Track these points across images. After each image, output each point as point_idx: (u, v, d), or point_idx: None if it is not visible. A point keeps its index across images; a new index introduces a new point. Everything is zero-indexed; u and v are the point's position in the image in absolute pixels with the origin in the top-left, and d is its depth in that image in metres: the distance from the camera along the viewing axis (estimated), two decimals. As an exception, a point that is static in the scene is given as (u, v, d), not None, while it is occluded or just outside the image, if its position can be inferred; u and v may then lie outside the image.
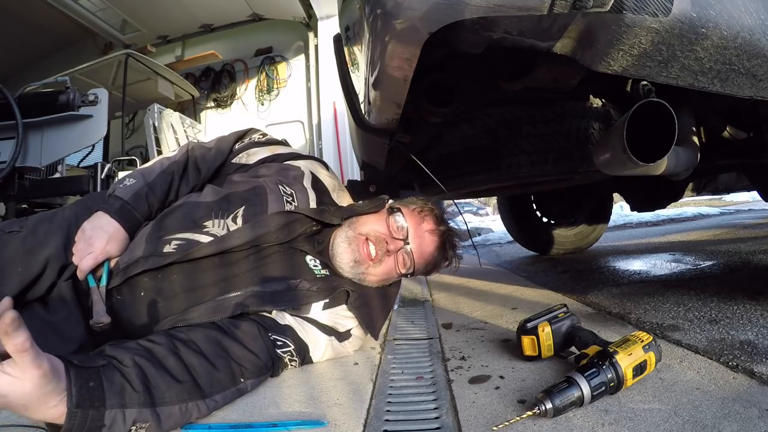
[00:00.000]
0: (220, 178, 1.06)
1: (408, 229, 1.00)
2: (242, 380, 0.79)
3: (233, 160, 1.07)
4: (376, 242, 0.98)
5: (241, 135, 1.11)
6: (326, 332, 0.97)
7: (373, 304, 1.01)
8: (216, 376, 0.75)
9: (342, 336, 1.00)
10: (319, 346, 0.96)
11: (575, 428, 0.63)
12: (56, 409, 0.58)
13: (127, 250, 0.89)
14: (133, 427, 0.63)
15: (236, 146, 1.09)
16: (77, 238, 0.87)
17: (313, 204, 1.01)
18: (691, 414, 0.64)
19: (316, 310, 0.97)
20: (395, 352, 1.08)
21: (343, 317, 1.00)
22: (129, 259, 0.88)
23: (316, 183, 1.05)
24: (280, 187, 0.97)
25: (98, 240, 0.86)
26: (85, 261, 0.85)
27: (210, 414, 0.73)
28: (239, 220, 0.92)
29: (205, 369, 0.74)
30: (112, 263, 0.88)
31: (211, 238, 0.90)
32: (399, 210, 1.02)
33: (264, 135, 1.13)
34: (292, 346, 0.91)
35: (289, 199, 0.97)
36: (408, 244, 1.00)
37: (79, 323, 0.85)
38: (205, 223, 0.91)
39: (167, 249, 0.88)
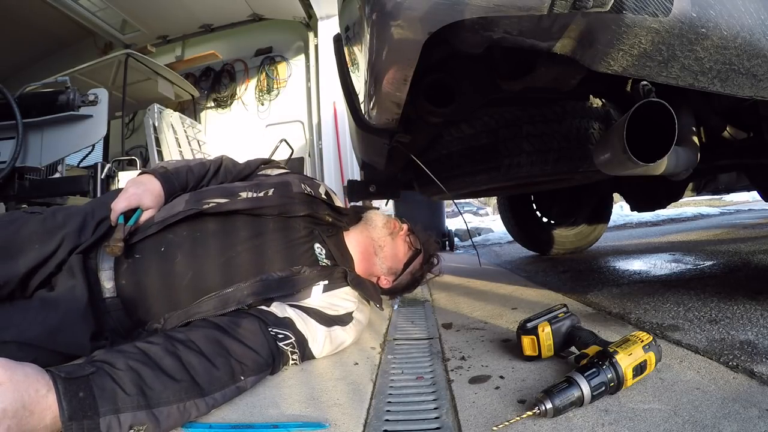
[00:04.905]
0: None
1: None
2: (242, 378, 0.79)
3: (259, 173, 1.23)
4: (395, 222, 1.25)
5: (268, 161, 1.29)
6: (325, 323, 0.98)
7: (367, 284, 1.13)
8: (215, 374, 0.75)
9: (343, 320, 1.02)
10: (318, 339, 0.97)
11: (575, 428, 0.63)
12: (50, 408, 0.59)
13: (167, 209, 0.99)
14: (131, 431, 0.63)
15: (263, 165, 1.26)
16: (120, 193, 0.97)
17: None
18: (691, 414, 0.64)
19: (317, 293, 1.00)
20: (395, 352, 1.08)
21: (342, 299, 1.03)
22: (167, 215, 0.97)
23: (328, 195, 1.20)
24: (303, 185, 1.12)
25: (134, 188, 0.97)
26: (119, 203, 0.94)
27: (209, 412, 0.73)
28: (269, 194, 1.06)
29: (204, 367, 0.74)
30: (145, 216, 0.97)
31: None
32: (405, 220, 1.32)
33: (284, 167, 1.30)
34: (293, 338, 0.92)
35: (308, 191, 1.12)
36: (413, 233, 1.27)
37: (84, 295, 0.86)
38: (240, 193, 1.03)
39: (205, 207, 0.99)
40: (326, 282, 1.01)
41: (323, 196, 1.16)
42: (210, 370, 0.75)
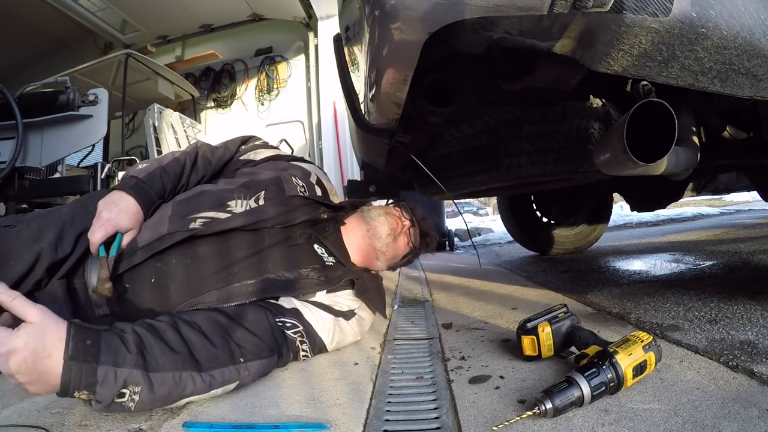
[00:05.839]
0: (228, 174, 1.11)
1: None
2: (242, 360, 0.80)
3: (241, 157, 1.13)
4: (398, 220, 1.19)
5: (246, 139, 1.20)
6: (332, 313, 1.00)
7: (372, 288, 1.12)
8: (213, 352, 0.77)
9: (347, 315, 1.03)
10: (327, 326, 0.98)
11: (575, 428, 0.63)
12: (56, 366, 0.62)
13: (151, 228, 0.91)
14: (126, 390, 0.66)
15: (242, 147, 1.16)
16: (94, 219, 0.88)
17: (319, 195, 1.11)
18: (691, 414, 0.64)
19: (321, 294, 1.01)
20: (395, 352, 1.08)
21: (346, 299, 1.04)
22: (151, 237, 0.89)
23: (320, 183, 1.14)
24: (294, 179, 1.06)
25: (107, 212, 0.87)
26: (95, 234, 0.85)
27: (209, 392, 0.75)
28: (261, 201, 0.98)
29: (202, 344, 0.77)
30: (127, 239, 0.89)
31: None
32: (404, 201, 1.28)
33: (266, 143, 1.21)
34: (301, 327, 0.93)
35: (302, 190, 1.05)
36: (414, 225, 1.22)
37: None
38: (229, 203, 0.96)
39: (193, 225, 0.91)
40: (331, 286, 1.02)
41: (317, 192, 1.10)
42: (207, 347, 0.77)
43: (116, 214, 0.87)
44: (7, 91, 2.10)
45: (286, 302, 0.95)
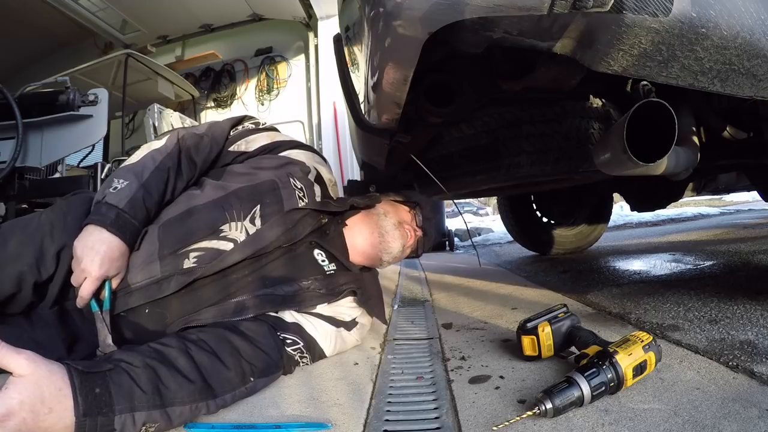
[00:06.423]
0: (216, 168, 1.03)
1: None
2: (252, 379, 0.79)
3: (230, 148, 1.03)
4: (411, 231, 1.14)
5: (237, 122, 1.07)
6: (333, 324, 0.99)
7: (373, 294, 1.11)
8: (227, 376, 0.75)
9: (349, 325, 1.02)
10: (328, 337, 0.97)
11: (575, 428, 0.63)
12: (72, 409, 0.57)
13: (140, 267, 0.85)
14: (143, 428, 0.63)
15: (231, 133, 1.05)
16: (73, 262, 0.81)
17: (318, 198, 1.04)
18: (691, 414, 0.64)
19: (322, 306, 0.99)
20: (395, 352, 1.08)
21: (347, 308, 1.03)
22: (144, 279, 0.85)
23: (319, 178, 1.08)
24: (291, 180, 0.98)
25: (90, 263, 0.79)
26: (83, 290, 0.80)
27: (218, 411, 0.74)
28: (258, 221, 0.92)
29: (214, 367, 0.74)
30: (115, 282, 0.84)
31: (232, 244, 0.89)
32: (418, 205, 1.22)
33: (258, 123, 1.11)
34: (301, 343, 0.92)
35: (300, 195, 0.98)
36: (424, 233, 1.18)
37: (60, 350, 0.81)
38: (222, 227, 0.89)
39: (188, 264, 0.86)
40: (332, 299, 1.00)
41: (317, 193, 1.03)
42: (221, 371, 0.75)
43: (99, 264, 0.79)
44: (7, 91, 2.10)
45: (287, 315, 0.93)
